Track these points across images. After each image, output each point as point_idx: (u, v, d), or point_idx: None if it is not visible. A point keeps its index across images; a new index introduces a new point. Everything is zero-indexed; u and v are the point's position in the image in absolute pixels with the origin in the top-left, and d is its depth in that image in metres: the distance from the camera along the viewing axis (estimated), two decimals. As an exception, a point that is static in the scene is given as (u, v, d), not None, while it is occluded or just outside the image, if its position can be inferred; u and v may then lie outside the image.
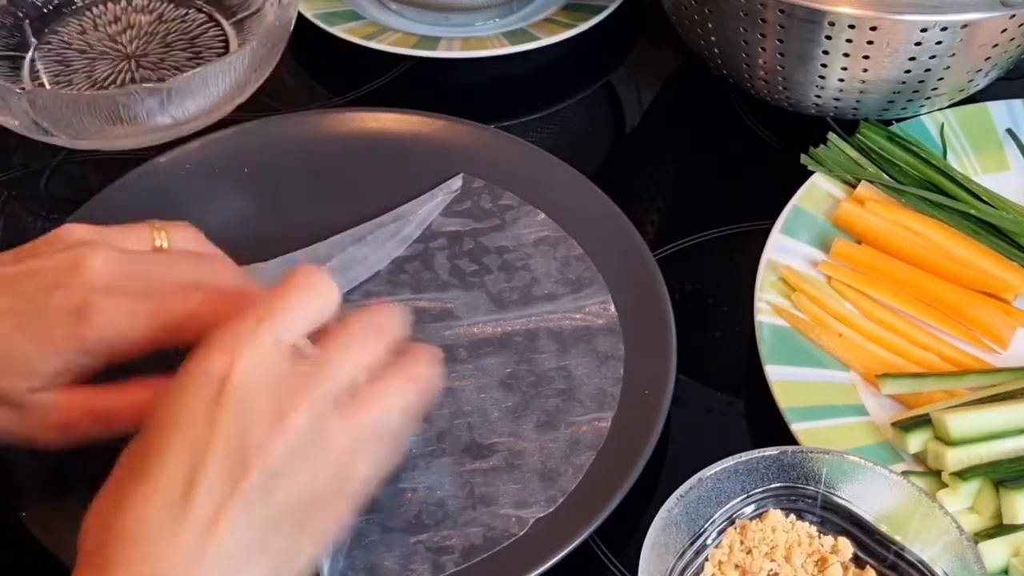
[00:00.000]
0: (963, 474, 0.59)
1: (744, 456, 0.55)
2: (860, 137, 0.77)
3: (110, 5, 0.89)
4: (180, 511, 0.43)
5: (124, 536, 0.43)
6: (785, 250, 0.70)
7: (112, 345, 0.52)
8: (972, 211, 0.73)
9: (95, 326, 0.51)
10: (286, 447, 0.44)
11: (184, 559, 0.42)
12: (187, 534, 0.42)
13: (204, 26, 0.88)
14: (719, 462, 0.55)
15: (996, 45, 0.74)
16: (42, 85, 0.83)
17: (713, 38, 0.78)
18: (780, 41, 0.74)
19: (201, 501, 0.43)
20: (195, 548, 0.42)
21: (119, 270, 0.53)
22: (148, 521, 0.43)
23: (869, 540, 0.55)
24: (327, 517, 0.47)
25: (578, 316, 0.68)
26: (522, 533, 0.59)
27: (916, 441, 0.61)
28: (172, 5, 0.90)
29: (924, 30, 0.70)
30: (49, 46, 0.86)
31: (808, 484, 0.56)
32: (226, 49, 0.87)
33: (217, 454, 0.43)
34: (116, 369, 0.54)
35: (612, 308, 0.68)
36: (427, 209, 0.74)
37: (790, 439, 0.61)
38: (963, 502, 0.59)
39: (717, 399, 0.69)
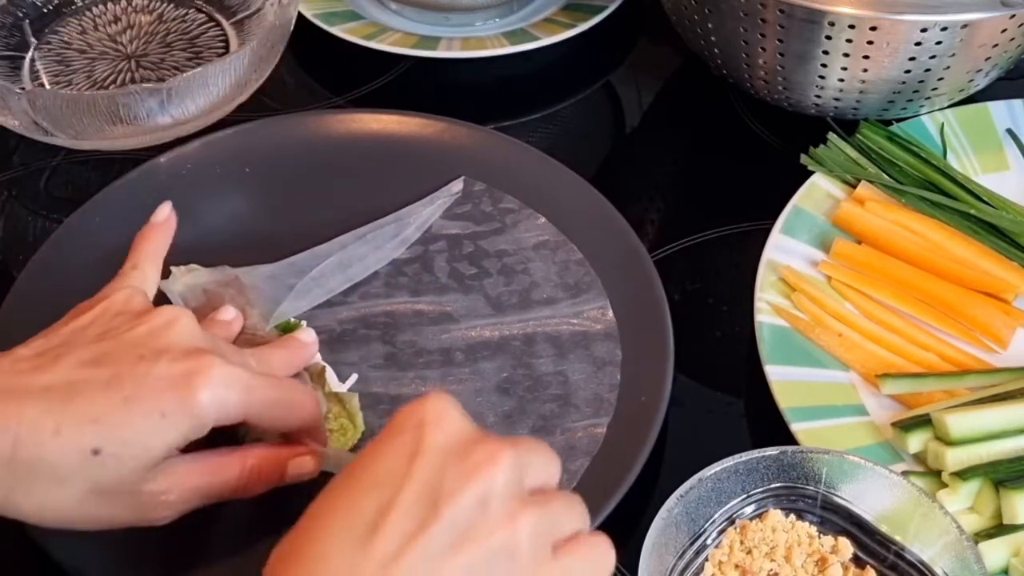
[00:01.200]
0: (963, 474, 0.59)
1: (744, 456, 0.55)
2: (860, 137, 0.77)
3: (110, 5, 0.89)
4: (365, 545, 0.41)
5: (304, 563, 0.42)
6: (785, 250, 0.70)
7: (216, 416, 0.52)
8: (972, 211, 0.73)
9: (202, 392, 0.51)
10: (476, 499, 0.43)
11: None
12: (366, 569, 0.41)
13: (204, 26, 0.88)
14: (719, 462, 0.55)
15: (996, 45, 0.74)
16: (42, 85, 0.83)
17: (713, 38, 0.78)
18: (780, 41, 0.74)
19: (386, 538, 0.41)
20: None
21: (202, 333, 0.54)
22: (329, 556, 0.42)
23: (869, 540, 0.55)
24: None
25: (576, 321, 0.68)
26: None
27: (916, 441, 0.61)
28: (172, 5, 0.90)
29: (924, 30, 0.70)
30: (49, 46, 0.86)
31: (808, 484, 0.56)
32: (226, 49, 0.87)
33: (409, 494, 0.42)
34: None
35: (610, 313, 0.68)
36: (428, 212, 0.73)
37: (790, 439, 0.61)
38: (963, 502, 0.59)
39: (717, 399, 0.69)
